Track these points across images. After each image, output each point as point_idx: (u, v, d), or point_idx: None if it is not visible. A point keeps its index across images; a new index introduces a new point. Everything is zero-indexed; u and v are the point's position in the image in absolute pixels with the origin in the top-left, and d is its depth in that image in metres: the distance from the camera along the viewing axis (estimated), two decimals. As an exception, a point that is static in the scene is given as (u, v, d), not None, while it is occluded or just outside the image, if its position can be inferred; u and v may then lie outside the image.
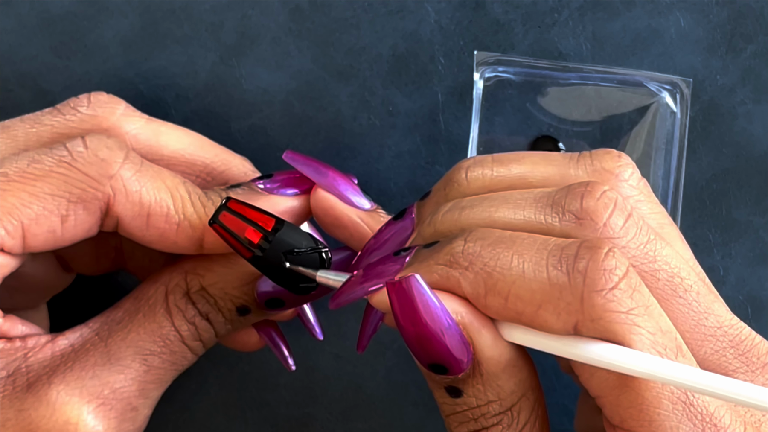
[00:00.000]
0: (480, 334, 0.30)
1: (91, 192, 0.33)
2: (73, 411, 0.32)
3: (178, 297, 0.35)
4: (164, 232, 0.34)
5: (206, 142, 0.38)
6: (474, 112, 0.41)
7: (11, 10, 0.42)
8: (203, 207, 0.34)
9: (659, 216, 0.33)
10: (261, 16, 0.42)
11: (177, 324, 0.35)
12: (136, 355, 0.34)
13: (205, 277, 0.35)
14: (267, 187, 0.36)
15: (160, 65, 0.42)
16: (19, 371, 0.33)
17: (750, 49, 0.42)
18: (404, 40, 0.42)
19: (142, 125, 0.37)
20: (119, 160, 0.34)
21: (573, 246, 0.29)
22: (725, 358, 0.31)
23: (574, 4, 0.42)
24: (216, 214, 0.33)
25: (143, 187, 0.34)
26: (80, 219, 0.33)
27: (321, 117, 0.42)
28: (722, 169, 0.42)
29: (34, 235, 0.33)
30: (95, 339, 0.34)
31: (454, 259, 0.30)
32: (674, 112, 0.40)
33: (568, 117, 0.41)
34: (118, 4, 0.42)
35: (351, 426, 0.44)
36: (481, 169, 0.33)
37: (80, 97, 0.37)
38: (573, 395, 0.43)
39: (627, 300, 0.28)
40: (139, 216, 0.34)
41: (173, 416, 0.44)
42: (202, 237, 0.34)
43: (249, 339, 0.39)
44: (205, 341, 0.35)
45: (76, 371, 0.33)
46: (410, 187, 0.42)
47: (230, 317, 0.36)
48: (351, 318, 0.43)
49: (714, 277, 0.34)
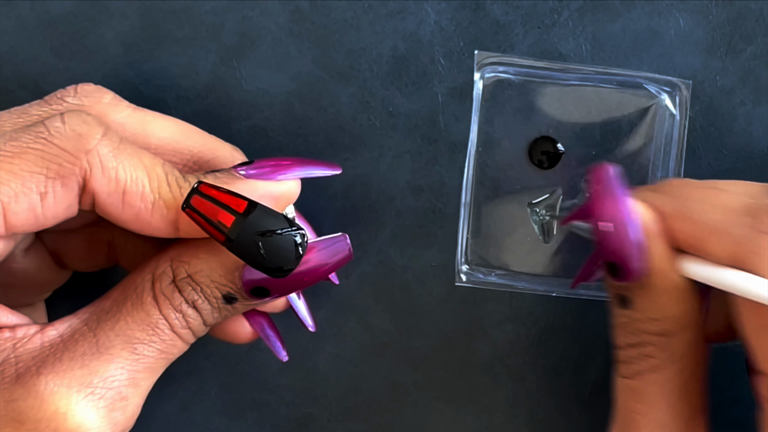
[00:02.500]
0: (658, 245, 0.34)
1: (68, 167, 0.33)
2: (62, 401, 0.32)
3: (164, 284, 0.35)
4: (139, 212, 0.34)
5: (194, 131, 0.38)
6: (474, 113, 0.41)
7: (12, 11, 0.42)
8: (179, 188, 0.34)
9: None
10: (261, 17, 0.42)
11: (165, 312, 0.34)
12: (126, 344, 0.34)
13: (191, 264, 0.35)
14: (248, 174, 0.35)
15: (160, 66, 0.42)
16: (8, 361, 0.33)
17: (750, 50, 0.42)
18: (404, 41, 0.42)
19: (128, 114, 0.37)
20: (97, 136, 0.33)
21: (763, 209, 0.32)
22: None
23: (574, 5, 0.42)
24: (187, 198, 0.33)
25: (120, 164, 0.33)
26: (59, 196, 0.33)
27: (321, 118, 0.42)
28: (722, 170, 0.42)
29: (14, 213, 0.33)
30: (84, 329, 0.34)
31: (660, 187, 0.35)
32: (673, 114, 0.41)
33: (568, 118, 0.41)
34: (119, 5, 0.42)
35: (351, 426, 0.44)
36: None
37: (67, 88, 0.36)
38: (573, 395, 0.43)
39: None
40: (115, 193, 0.33)
41: (173, 416, 0.44)
42: (177, 218, 0.34)
43: (241, 330, 0.39)
44: (194, 329, 0.35)
45: (65, 361, 0.33)
46: (410, 187, 0.42)
47: (217, 305, 0.35)
48: (351, 318, 0.43)
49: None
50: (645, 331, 0.35)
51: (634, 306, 0.35)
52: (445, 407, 0.44)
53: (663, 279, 0.34)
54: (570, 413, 0.43)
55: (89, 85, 0.37)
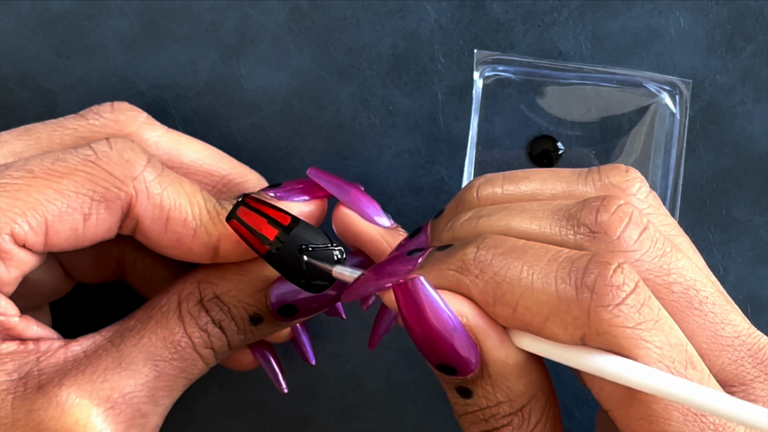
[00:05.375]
0: (487, 336, 0.30)
1: (115, 192, 0.33)
2: (82, 413, 0.32)
3: (191, 305, 0.35)
4: (181, 237, 0.34)
5: (224, 156, 0.39)
6: (473, 112, 0.41)
7: (12, 9, 0.42)
8: (218, 215, 0.35)
9: (670, 228, 0.33)
10: (261, 15, 0.42)
11: (189, 331, 0.35)
12: (147, 361, 0.34)
13: (218, 285, 0.35)
14: (278, 195, 0.36)
15: (160, 65, 0.42)
16: (31, 374, 0.33)
17: (750, 48, 0.42)
18: (404, 40, 0.42)
19: (162, 133, 0.38)
20: (143, 163, 0.34)
21: (583, 259, 0.29)
22: (743, 368, 0.31)
23: (574, 4, 0.42)
24: (233, 210, 0.33)
25: (164, 190, 0.34)
26: (102, 218, 0.34)
27: (321, 117, 0.42)
28: (722, 169, 0.42)
29: (56, 232, 0.33)
30: (107, 345, 0.34)
31: (465, 265, 0.30)
32: (673, 113, 0.40)
33: (568, 117, 0.41)
34: (119, 4, 0.42)
35: (351, 426, 0.44)
36: (491, 187, 0.34)
37: (103, 105, 0.37)
38: (572, 395, 0.43)
39: (634, 315, 0.28)
40: (159, 219, 0.34)
41: (173, 416, 0.44)
42: (218, 244, 0.35)
43: (244, 359, 0.40)
44: (217, 350, 0.36)
45: (87, 375, 0.33)
46: (410, 186, 0.42)
47: (243, 326, 0.36)
48: (351, 318, 0.43)
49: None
50: (495, 414, 0.32)
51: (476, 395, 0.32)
52: (445, 407, 0.44)
53: (501, 366, 0.31)
54: (570, 413, 0.43)
55: (125, 103, 0.38)
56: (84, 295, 0.42)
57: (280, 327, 0.37)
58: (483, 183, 0.34)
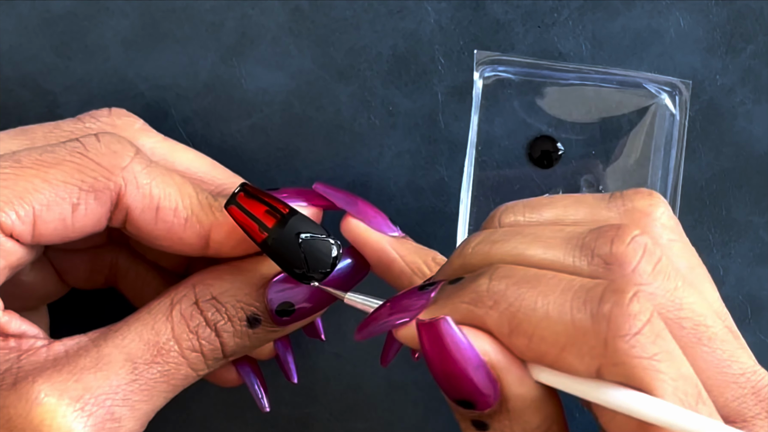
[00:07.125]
0: (508, 373, 0.30)
1: (103, 181, 0.33)
2: (48, 412, 0.32)
3: (184, 306, 0.35)
4: (172, 227, 0.34)
5: (218, 166, 0.39)
6: (473, 112, 0.41)
7: (12, 9, 0.42)
8: (210, 206, 0.35)
9: (690, 256, 0.33)
10: (261, 16, 0.42)
11: (176, 333, 0.34)
12: (126, 362, 0.33)
13: (215, 285, 0.35)
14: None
15: (160, 65, 0.42)
16: (10, 371, 0.32)
17: (750, 49, 0.42)
18: (404, 40, 0.42)
19: (158, 140, 0.38)
20: (130, 154, 0.34)
21: (598, 288, 0.29)
22: (745, 405, 0.31)
23: (574, 4, 0.42)
24: (233, 196, 0.33)
25: (153, 180, 0.34)
26: (91, 209, 0.33)
27: (321, 117, 0.42)
28: (721, 169, 0.42)
29: (44, 222, 0.33)
30: (90, 345, 0.34)
31: (478, 297, 0.30)
32: (673, 113, 0.40)
33: (568, 117, 0.41)
34: (119, 4, 0.42)
35: (351, 426, 0.44)
36: (513, 215, 0.34)
37: (101, 110, 0.38)
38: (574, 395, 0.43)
39: (650, 345, 0.28)
40: (149, 209, 0.34)
41: (173, 416, 0.44)
42: (209, 234, 0.35)
43: (227, 375, 0.39)
44: (207, 354, 0.35)
45: (63, 374, 0.32)
46: (410, 187, 0.42)
47: (240, 328, 0.35)
48: (351, 318, 0.43)
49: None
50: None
51: (493, 428, 0.31)
52: (445, 407, 0.44)
53: (521, 401, 0.31)
54: (570, 413, 0.43)
55: (122, 110, 0.38)
56: (85, 302, 0.42)
57: (276, 334, 0.36)
58: (504, 211, 0.34)
